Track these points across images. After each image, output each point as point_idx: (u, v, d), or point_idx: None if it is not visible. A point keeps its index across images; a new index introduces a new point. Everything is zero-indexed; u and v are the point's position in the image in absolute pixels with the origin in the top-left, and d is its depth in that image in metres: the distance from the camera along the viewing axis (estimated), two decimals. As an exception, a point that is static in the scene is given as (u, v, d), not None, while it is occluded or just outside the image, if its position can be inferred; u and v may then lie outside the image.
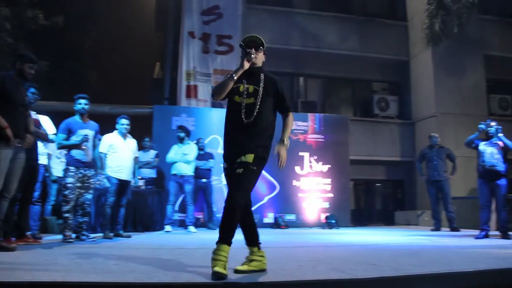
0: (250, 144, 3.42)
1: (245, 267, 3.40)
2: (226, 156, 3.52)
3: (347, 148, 12.47)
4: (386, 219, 14.60)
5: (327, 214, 11.44)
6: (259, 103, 3.48)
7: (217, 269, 3.03)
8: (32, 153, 5.87)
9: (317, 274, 3.33)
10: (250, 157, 3.37)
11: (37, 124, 6.07)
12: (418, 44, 14.69)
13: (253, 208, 10.95)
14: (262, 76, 3.63)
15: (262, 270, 3.42)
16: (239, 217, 3.34)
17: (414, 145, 14.74)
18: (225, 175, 3.55)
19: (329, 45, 14.84)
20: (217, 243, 3.24)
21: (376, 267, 3.73)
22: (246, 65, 3.54)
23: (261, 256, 3.50)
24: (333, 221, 11.07)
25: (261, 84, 3.57)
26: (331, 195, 11.96)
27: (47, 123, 6.76)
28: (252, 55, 3.56)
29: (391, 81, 16.24)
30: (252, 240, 3.57)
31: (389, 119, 15.17)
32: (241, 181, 3.34)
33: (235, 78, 3.49)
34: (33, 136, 4.96)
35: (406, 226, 12.51)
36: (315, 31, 14.89)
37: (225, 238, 3.24)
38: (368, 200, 16.29)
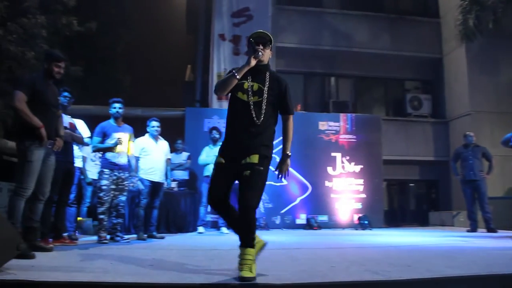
0: (254, 143, 3.41)
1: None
2: (227, 153, 3.44)
3: (379, 148, 12.34)
4: (420, 220, 14.40)
5: (360, 215, 11.34)
6: (265, 102, 3.45)
7: (244, 273, 3.04)
8: (68, 156, 6.00)
9: (350, 276, 3.31)
10: (255, 158, 3.37)
11: (73, 127, 6.19)
12: (451, 41, 14.41)
13: (285, 209, 10.91)
14: (267, 74, 3.56)
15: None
16: (255, 218, 3.34)
17: (448, 144, 14.48)
18: (218, 170, 3.45)
19: (360, 44, 14.73)
20: (240, 247, 3.24)
21: (410, 269, 3.68)
22: (253, 62, 3.45)
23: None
24: (366, 222, 10.97)
25: (267, 83, 3.50)
26: (363, 195, 11.86)
27: (82, 127, 6.90)
28: (260, 53, 3.47)
29: (424, 79, 15.99)
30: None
31: (422, 118, 14.95)
32: (250, 183, 3.31)
33: (238, 77, 3.41)
34: (62, 139, 4.97)
35: (441, 227, 12.31)
36: (346, 31, 14.80)
37: (247, 241, 3.24)
38: (401, 200, 16.06)
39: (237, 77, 3.40)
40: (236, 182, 3.43)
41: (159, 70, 23.72)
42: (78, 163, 6.80)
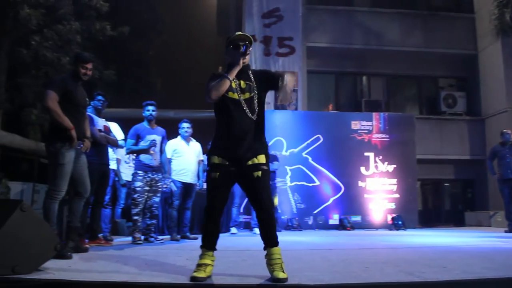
0: (257, 142, 3.39)
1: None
2: (228, 154, 3.35)
3: (413, 147, 12.16)
4: (455, 220, 14.15)
5: (394, 215, 11.21)
6: (256, 96, 3.45)
7: (277, 274, 3.08)
8: (103, 158, 6.12)
9: (384, 276, 3.28)
10: (262, 158, 3.36)
11: (107, 130, 6.31)
12: (486, 37, 14.11)
13: (318, 210, 10.85)
14: (250, 72, 3.55)
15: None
16: (274, 217, 3.37)
17: (484, 142, 14.18)
18: (222, 173, 3.35)
19: (392, 42, 14.56)
20: (267, 248, 3.27)
21: (446, 270, 3.62)
22: (241, 62, 3.43)
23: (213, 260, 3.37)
24: (400, 222, 10.83)
25: (252, 79, 3.50)
26: (397, 195, 11.71)
27: (116, 130, 7.02)
28: (244, 47, 3.45)
29: (459, 76, 15.68)
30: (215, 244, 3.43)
31: (457, 116, 14.68)
32: (263, 184, 3.32)
33: (231, 78, 3.39)
34: (89, 140, 4.97)
35: (477, 227, 12.06)
36: (377, 29, 14.66)
37: (273, 241, 3.28)
38: (436, 200, 15.80)
39: (230, 78, 3.39)
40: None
41: (190, 72, 23.91)
42: (112, 165, 6.93)
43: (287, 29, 13.77)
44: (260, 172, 3.30)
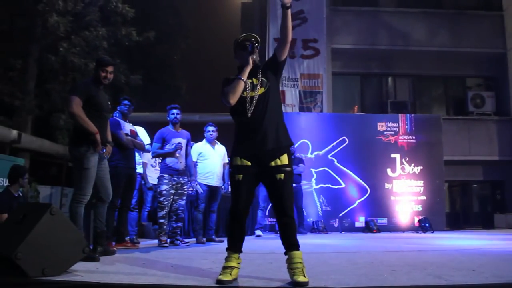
0: (280, 133, 3.36)
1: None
2: (250, 155, 3.32)
3: (440, 148, 11.99)
4: (484, 222, 13.93)
5: (421, 217, 11.06)
6: (271, 91, 3.43)
7: (298, 278, 3.03)
8: (130, 162, 6.18)
9: (412, 280, 3.23)
10: (285, 159, 3.31)
11: (134, 134, 6.37)
12: (516, 35, 13.87)
13: (344, 212, 10.78)
14: (260, 69, 3.51)
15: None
16: (295, 221, 3.35)
17: (514, 142, 13.93)
18: (246, 175, 3.32)
19: (418, 42, 14.42)
20: (288, 251, 3.23)
21: (475, 273, 3.55)
22: (251, 60, 3.43)
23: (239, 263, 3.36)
24: (427, 225, 10.69)
25: (260, 74, 3.47)
26: (424, 197, 11.55)
27: (143, 134, 7.10)
28: (250, 45, 3.45)
29: (487, 75, 15.44)
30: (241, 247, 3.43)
31: (486, 116, 14.46)
32: (286, 188, 3.28)
33: (244, 79, 3.38)
34: (111, 145, 4.99)
35: (507, 229, 11.82)
36: (402, 29, 14.53)
37: (294, 244, 3.24)
38: (464, 202, 15.57)
39: (244, 79, 3.38)
40: None
41: (215, 76, 24.02)
42: (139, 169, 7.00)
43: (311, 31, 13.75)
44: (283, 174, 3.26)
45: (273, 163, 3.28)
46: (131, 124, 6.48)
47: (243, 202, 3.32)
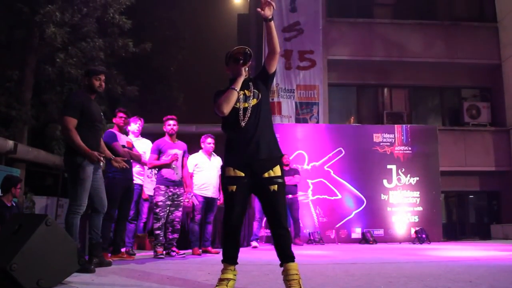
0: (269, 147, 3.37)
1: None
2: (243, 165, 3.32)
3: (436, 159, 11.99)
4: (481, 233, 13.92)
5: (417, 228, 11.04)
6: (261, 102, 3.45)
7: None
8: (127, 173, 6.17)
9: (407, 291, 3.24)
10: (277, 170, 3.31)
11: (130, 146, 6.37)
12: (510, 45, 13.98)
13: (340, 224, 10.77)
14: (249, 82, 3.54)
15: None
16: (290, 232, 3.34)
17: (509, 153, 14.00)
18: (239, 186, 3.31)
19: (413, 53, 14.51)
20: (284, 263, 3.21)
21: (473, 285, 3.55)
22: (243, 71, 3.46)
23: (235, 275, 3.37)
24: (424, 236, 10.67)
25: (251, 86, 3.50)
26: (420, 208, 11.54)
27: (147, 146, 7.12)
28: (243, 58, 3.47)
29: (482, 86, 15.51)
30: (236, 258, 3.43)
31: (481, 127, 14.52)
32: (279, 199, 3.28)
33: (237, 89, 3.41)
34: (105, 155, 4.98)
35: (504, 240, 11.82)
36: (398, 40, 14.63)
37: (290, 256, 3.21)
38: (460, 213, 15.56)
39: (237, 89, 3.41)
40: None
41: (211, 87, 24.11)
42: (139, 180, 7.00)
43: (307, 42, 13.82)
44: (276, 186, 3.26)
45: (266, 175, 3.27)
46: (126, 135, 6.48)
47: (237, 213, 3.31)
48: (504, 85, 14.57)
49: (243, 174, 3.30)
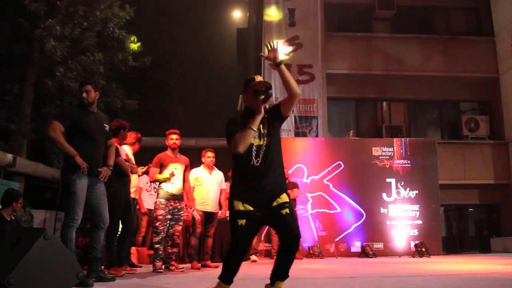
0: (279, 183, 3.45)
1: None
2: (252, 199, 3.35)
3: (436, 172, 11.99)
4: (481, 246, 13.89)
5: (417, 242, 11.01)
6: (273, 140, 3.46)
7: None
8: (127, 187, 6.17)
9: (407, 305, 3.23)
10: (285, 197, 3.37)
11: (128, 159, 6.37)
12: (508, 59, 14.07)
13: (340, 237, 10.72)
14: (265, 118, 3.51)
15: None
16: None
17: (509, 166, 14.02)
18: (249, 220, 3.33)
19: (412, 67, 14.60)
20: (281, 280, 3.32)
21: (471, 298, 3.54)
22: (262, 109, 3.44)
23: None
24: (424, 249, 10.64)
25: (266, 123, 3.49)
26: (420, 222, 11.50)
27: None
28: (270, 94, 3.45)
29: (480, 100, 15.56)
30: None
31: (480, 140, 14.55)
32: (293, 217, 3.37)
33: (255, 128, 3.39)
34: (109, 169, 4.96)
35: (504, 253, 11.78)
36: (396, 54, 14.73)
37: (287, 273, 3.32)
38: (460, 226, 15.52)
39: (255, 129, 3.39)
40: None
41: (211, 101, 24.20)
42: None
43: (306, 56, 13.90)
44: (287, 209, 3.32)
45: (274, 203, 3.32)
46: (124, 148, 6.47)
47: (245, 245, 3.37)
48: (502, 98, 14.63)
49: (252, 208, 3.32)
